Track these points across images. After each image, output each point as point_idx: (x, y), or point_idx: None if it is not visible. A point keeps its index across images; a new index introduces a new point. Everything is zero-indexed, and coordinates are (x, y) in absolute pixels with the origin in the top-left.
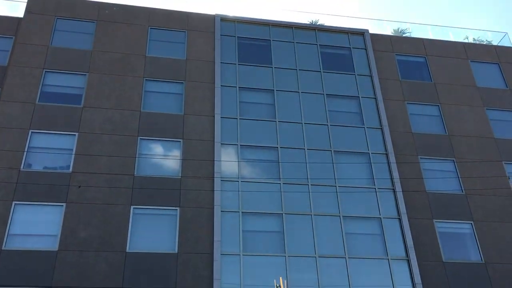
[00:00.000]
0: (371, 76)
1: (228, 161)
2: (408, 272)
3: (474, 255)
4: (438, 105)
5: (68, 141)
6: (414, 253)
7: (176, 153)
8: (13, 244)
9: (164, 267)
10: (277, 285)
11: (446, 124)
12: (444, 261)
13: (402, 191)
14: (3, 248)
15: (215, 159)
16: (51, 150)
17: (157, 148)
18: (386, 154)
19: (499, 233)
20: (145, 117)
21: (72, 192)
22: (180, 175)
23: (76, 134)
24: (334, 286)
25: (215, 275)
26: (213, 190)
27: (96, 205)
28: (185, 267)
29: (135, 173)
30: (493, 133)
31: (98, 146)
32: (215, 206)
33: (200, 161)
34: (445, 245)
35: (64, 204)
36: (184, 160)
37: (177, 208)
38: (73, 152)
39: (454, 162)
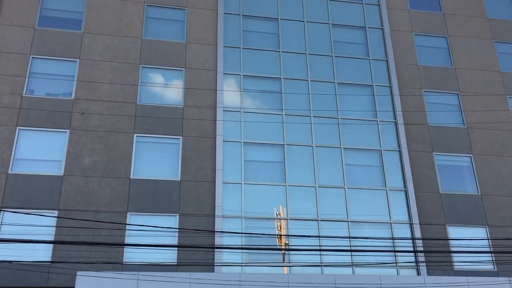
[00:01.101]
0: (378, 5)
1: (230, 91)
2: (404, 202)
3: (470, 188)
4: (446, 37)
5: (69, 68)
6: (412, 185)
7: (178, 82)
8: (19, 168)
9: (167, 193)
10: (277, 213)
11: (453, 56)
12: (441, 192)
13: (404, 124)
14: (9, 172)
15: (217, 89)
16: (52, 76)
17: (159, 77)
18: (390, 86)
19: (497, 166)
20: (146, 44)
21: (75, 119)
22: (183, 104)
23: (77, 60)
24: (332, 215)
25: (217, 202)
26: (215, 120)
27: (99, 133)
28: (187, 194)
29: (137, 102)
30: (499, 66)
31: (99, 73)
32: (217, 136)
33: (202, 90)
34: (443, 177)
35: (67, 130)
36: (187, 89)
37: (180, 137)
38: (75, 79)
39: (458, 95)
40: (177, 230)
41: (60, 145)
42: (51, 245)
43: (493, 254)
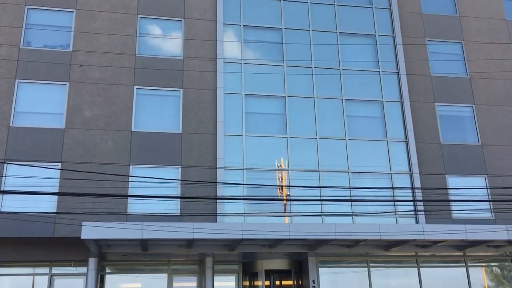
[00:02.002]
0: None
1: (231, 42)
2: (405, 153)
3: (471, 138)
4: None
5: (66, 18)
6: (413, 135)
7: (178, 33)
8: (20, 121)
9: (169, 146)
10: (278, 165)
11: (458, 4)
12: (441, 143)
13: (406, 74)
14: (10, 125)
15: (217, 40)
16: (49, 27)
17: (158, 28)
18: (393, 36)
19: (498, 116)
20: None
21: (74, 71)
22: (182, 56)
23: (74, 11)
24: (333, 166)
25: (219, 155)
26: (216, 72)
27: (99, 85)
28: (189, 147)
29: (136, 53)
30: (504, 14)
31: (97, 24)
32: (218, 88)
33: (202, 41)
34: (444, 128)
35: (67, 83)
36: (186, 40)
37: (180, 89)
38: (72, 30)
39: (461, 44)
40: (180, 181)
41: (60, 98)
42: (55, 197)
43: (491, 203)
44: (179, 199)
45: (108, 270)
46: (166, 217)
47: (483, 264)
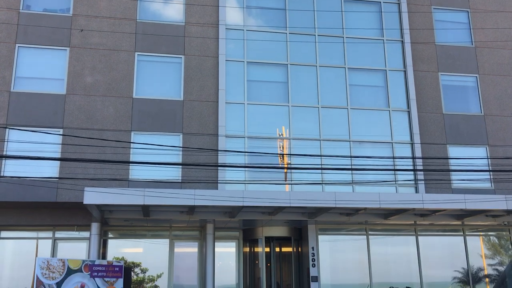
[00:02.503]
0: None
1: (233, 8)
2: (407, 123)
3: (474, 108)
4: None
5: None
6: (415, 105)
7: None
8: (21, 86)
9: (170, 113)
10: (280, 133)
11: None
12: (444, 112)
13: (411, 42)
14: (11, 90)
15: (219, 5)
16: None
17: None
18: (398, 3)
19: (502, 86)
20: None
21: (74, 36)
22: (184, 21)
23: None
24: (334, 135)
25: (220, 122)
26: (218, 38)
27: (100, 51)
28: (191, 114)
29: (137, 18)
30: None
31: None
32: (219, 55)
33: (203, 6)
34: (447, 97)
35: (67, 48)
36: (188, 5)
37: (182, 56)
38: None
39: (468, 13)
40: (181, 149)
41: (61, 63)
42: (58, 162)
43: (491, 173)
44: (180, 166)
45: (110, 235)
46: (168, 183)
47: (481, 233)
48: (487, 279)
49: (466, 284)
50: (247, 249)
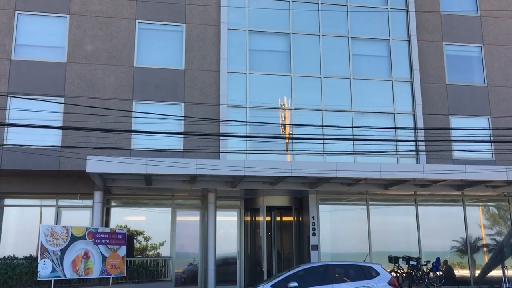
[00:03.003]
0: None
1: None
2: (410, 93)
3: (477, 78)
4: None
5: None
6: (419, 75)
7: None
8: (22, 54)
9: (171, 82)
10: (282, 103)
11: None
12: (447, 83)
13: (415, 11)
14: (12, 58)
15: None
16: None
17: None
18: None
19: (506, 57)
20: None
21: (74, 3)
22: None
23: None
24: (336, 106)
25: (222, 92)
26: (219, 6)
27: (100, 18)
28: (192, 84)
29: None
30: None
31: None
32: (221, 24)
33: None
34: (450, 68)
35: (67, 15)
36: None
37: (183, 24)
38: None
39: None
40: (183, 118)
41: (61, 31)
42: (60, 131)
43: (492, 144)
44: (182, 136)
45: (113, 203)
46: (170, 153)
47: (480, 203)
48: (485, 249)
49: (464, 253)
50: (248, 218)
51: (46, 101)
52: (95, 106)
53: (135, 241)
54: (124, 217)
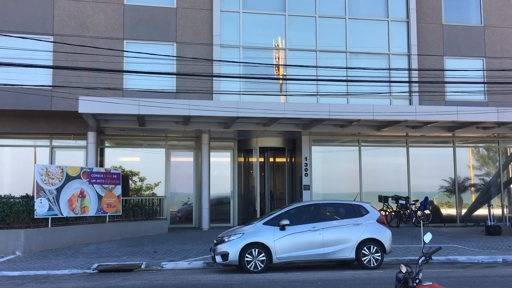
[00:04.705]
0: None
1: None
2: (405, 34)
3: (474, 18)
4: None
5: None
6: (415, 15)
7: None
8: None
9: (163, 21)
10: (275, 44)
11: None
12: (443, 23)
13: None
14: None
15: None
16: None
17: None
18: None
19: None
20: None
21: None
22: None
23: None
24: (331, 46)
25: (215, 32)
26: None
27: None
28: (184, 23)
29: None
30: None
31: None
32: None
33: None
34: (447, 7)
35: None
36: None
37: None
38: None
39: None
40: (175, 58)
41: None
42: (50, 71)
43: (485, 85)
44: (175, 76)
45: (107, 144)
46: (163, 93)
47: (471, 145)
48: (472, 189)
49: (452, 193)
50: (242, 159)
51: (35, 39)
52: (85, 45)
53: (130, 181)
54: (119, 157)
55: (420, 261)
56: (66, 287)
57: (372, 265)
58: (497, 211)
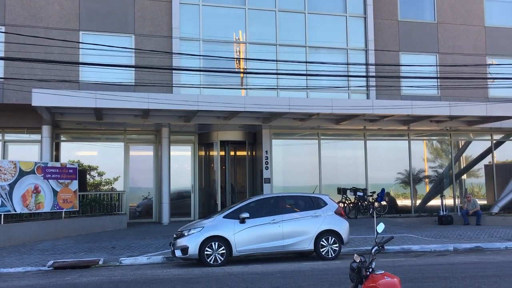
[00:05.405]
0: None
1: None
2: (363, 29)
3: (428, 15)
4: None
5: None
6: (372, 11)
7: None
8: None
9: (121, 12)
10: (236, 37)
11: None
12: (399, 20)
13: None
14: None
15: None
16: None
17: None
18: None
19: None
20: None
21: None
22: None
23: None
24: (291, 41)
25: (174, 24)
26: None
27: None
28: (143, 14)
29: None
30: None
31: None
32: None
33: None
34: (403, 4)
35: None
36: None
37: None
38: None
39: None
40: (134, 50)
41: None
42: (1, 62)
43: (438, 80)
44: (133, 69)
45: (63, 138)
46: (121, 86)
47: (425, 138)
48: (426, 180)
49: (407, 184)
50: (203, 153)
51: None
52: (39, 36)
53: (88, 176)
54: (76, 152)
55: (373, 251)
56: (20, 285)
57: (330, 256)
58: (449, 202)
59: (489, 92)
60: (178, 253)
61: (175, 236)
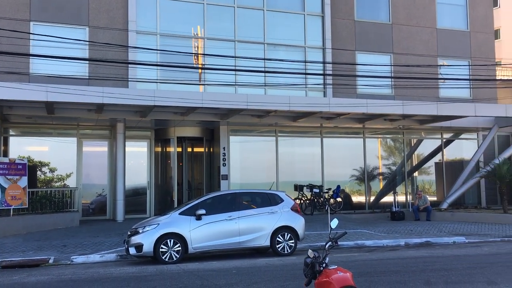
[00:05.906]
0: None
1: None
2: (320, 28)
3: (384, 16)
4: None
5: None
6: (330, 10)
7: None
8: None
9: (75, 3)
10: (194, 33)
11: None
12: (355, 19)
13: None
14: None
15: None
16: None
17: None
18: None
19: None
20: None
21: None
22: None
23: None
24: (250, 37)
25: (130, 17)
26: None
27: None
28: (98, 6)
29: None
30: None
31: None
32: None
33: None
34: (359, 4)
35: None
36: None
37: None
38: None
39: None
40: (88, 43)
41: None
42: None
43: (392, 80)
44: (87, 62)
45: (12, 133)
46: (74, 80)
47: (379, 136)
48: (380, 177)
49: (362, 181)
50: (159, 149)
51: None
52: None
53: (39, 172)
54: (25, 147)
55: (326, 246)
56: None
57: (286, 252)
58: (401, 198)
59: (440, 92)
60: (132, 250)
61: (129, 233)
